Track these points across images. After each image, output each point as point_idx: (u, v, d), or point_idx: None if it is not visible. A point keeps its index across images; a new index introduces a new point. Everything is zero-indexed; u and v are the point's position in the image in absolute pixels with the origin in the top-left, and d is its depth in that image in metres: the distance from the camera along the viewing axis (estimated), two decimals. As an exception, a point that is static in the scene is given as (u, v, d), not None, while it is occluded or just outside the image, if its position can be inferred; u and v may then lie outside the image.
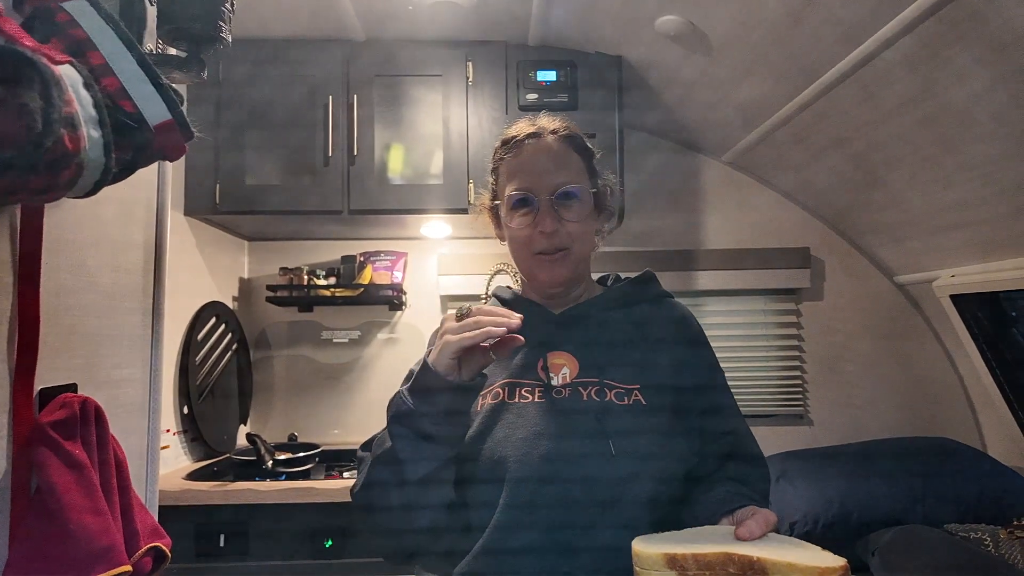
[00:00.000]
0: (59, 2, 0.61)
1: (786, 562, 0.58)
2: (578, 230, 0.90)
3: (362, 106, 1.98)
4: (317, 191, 1.96)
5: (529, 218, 0.90)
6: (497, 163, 0.97)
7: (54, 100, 0.46)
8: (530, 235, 0.89)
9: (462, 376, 0.75)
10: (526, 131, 0.93)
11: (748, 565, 0.59)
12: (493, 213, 0.99)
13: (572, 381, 0.86)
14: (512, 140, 0.93)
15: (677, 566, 0.61)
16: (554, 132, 0.93)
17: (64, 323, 0.73)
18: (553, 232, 0.88)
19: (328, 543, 1.66)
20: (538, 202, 0.89)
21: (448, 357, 0.73)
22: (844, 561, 0.58)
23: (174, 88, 0.64)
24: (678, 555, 0.61)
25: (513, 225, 0.91)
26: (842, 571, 0.57)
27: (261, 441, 1.84)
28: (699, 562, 0.61)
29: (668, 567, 0.62)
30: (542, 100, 2.00)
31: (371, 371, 2.35)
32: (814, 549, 0.61)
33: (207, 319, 2.03)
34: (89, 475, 0.66)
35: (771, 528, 0.66)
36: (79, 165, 0.50)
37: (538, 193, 0.89)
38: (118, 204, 0.85)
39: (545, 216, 0.88)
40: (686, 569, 0.61)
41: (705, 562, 0.61)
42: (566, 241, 0.90)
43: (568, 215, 0.89)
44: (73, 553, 0.63)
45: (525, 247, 0.91)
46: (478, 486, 0.82)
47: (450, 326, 0.75)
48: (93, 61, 0.59)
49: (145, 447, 0.91)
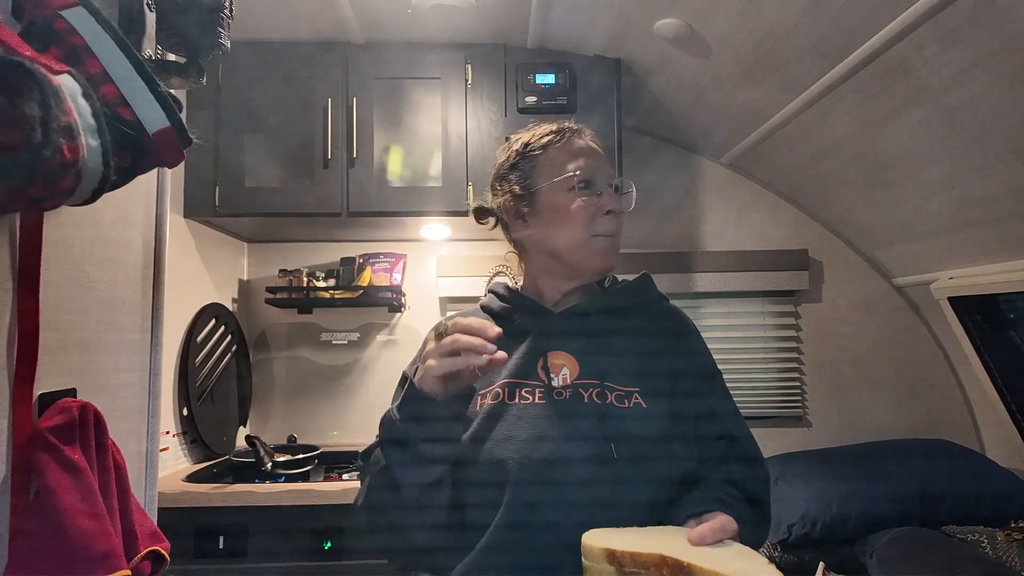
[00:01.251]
0: (57, 10, 0.61)
1: (714, 571, 0.60)
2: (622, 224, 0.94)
3: (361, 109, 1.98)
4: (316, 193, 1.97)
5: (592, 199, 0.91)
6: (535, 152, 0.95)
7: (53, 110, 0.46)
8: (593, 217, 0.91)
9: (449, 393, 0.76)
10: (569, 126, 0.97)
11: (679, 569, 0.61)
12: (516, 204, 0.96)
13: (572, 383, 0.86)
14: (557, 130, 0.96)
15: (616, 562, 0.64)
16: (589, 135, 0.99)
17: (63, 328, 0.74)
18: (619, 214, 0.93)
19: (327, 545, 1.67)
20: (601, 185, 0.92)
21: (431, 383, 0.74)
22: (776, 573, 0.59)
23: (172, 95, 0.65)
24: (617, 551, 0.64)
25: (573, 207, 0.91)
26: None
27: (260, 443, 1.84)
28: (635, 560, 0.63)
29: (608, 562, 0.64)
30: (541, 103, 2.00)
31: (370, 373, 2.36)
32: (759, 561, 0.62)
33: (206, 321, 2.04)
34: (88, 479, 0.67)
35: (727, 535, 0.67)
36: (78, 174, 0.50)
37: (601, 179, 0.93)
38: (117, 209, 0.85)
39: (613, 199, 0.92)
40: (623, 565, 0.64)
41: (641, 561, 0.63)
42: (620, 228, 0.94)
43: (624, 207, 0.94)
44: (72, 557, 0.63)
45: (583, 228, 0.91)
46: (480, 487, 0.82)
47: (431, 349, 0.75)
48: (92, 69, 0.59)
49: (144, 451, 0.92)
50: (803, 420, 2.40)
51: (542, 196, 0.93)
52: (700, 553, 0.63)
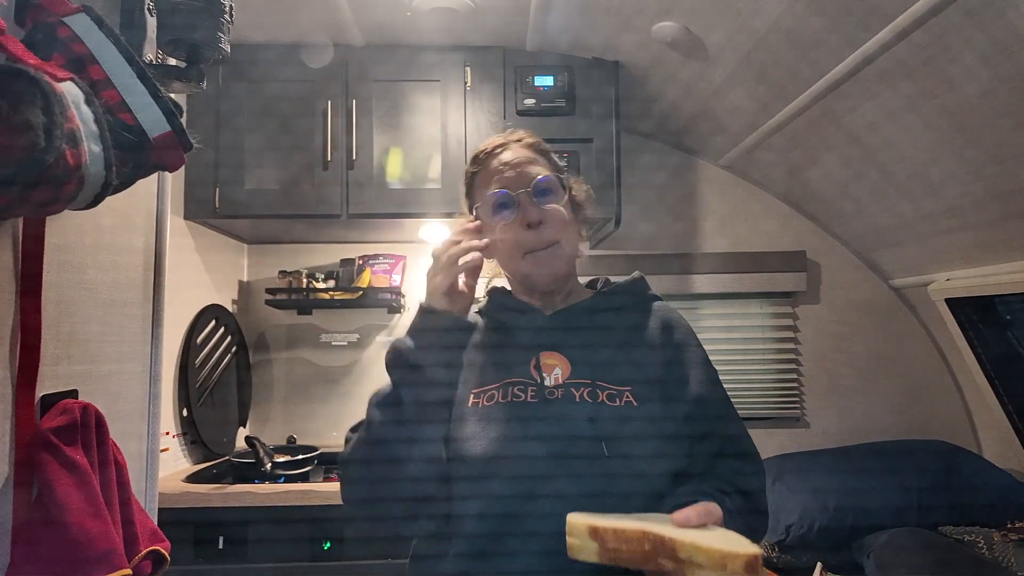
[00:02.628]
0: (61, 17, 0.62)
1: (692, 542, 0.62)
2: (561, 221, 0.92)
3: (361, 111, 1.99)
4: (316, 195, 1.97)
5: (513, 217, 0.91)
6: (470, 179, 0.99)
7: (56, 117, 0.47)
8: (517, 234, 0.90)
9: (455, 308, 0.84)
10: (495, 142, 0.97)
11: (660, 542, 0.63)
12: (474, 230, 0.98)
13: (564, 382, 0.88)
14: (480, 153, 0.97)
15: (599, 537, 0.66)
16: (518, 140, 0.97)
17: (65, 330, 0.75)
18: (539, 223, 0.90)
19: (327, 545, 1.67)
20: (517, 197, 0.91)
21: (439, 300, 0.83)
22: (756, 550, 0.60)
23: (173, 100, 0.66)
24: (600, 527, 0.66)
25: (498, 229, 0.92)
26: (748, 559, 0.59)
27: (260, 444, 1.85)
28: (618, 535, 0.65)
29: (591, 537, 0.66)
30: (540, 105, 2.01)
31: (370, 374, 2.37)
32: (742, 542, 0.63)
33: (207, 322, 2.04)
34: (90, 480, 0.68)
35: (712, 520, 0.69)
36: (81, 179, 0.51)
37: (515, 189, 0.91)
38: (118, 212, 0.86)
39: (528, 207, 0.90)
40: (606, 541, 0.65)
41: (623, 536, 0.65)
42: (553, 234, 0.91)
43: (548, 206, 0.91)
44: (74, 557, 0.64)
45: (514, 248, 0.92)
46: (473, 482, 0.83)
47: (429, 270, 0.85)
48: (94, 75, 0.60)
49: (145, 451, 0.93)
50: (801, 421, 2.40)
51: (481, 220, 0.96)
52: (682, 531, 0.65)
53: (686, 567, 0.62)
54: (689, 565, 0.62)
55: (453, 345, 0.86)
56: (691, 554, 0.62)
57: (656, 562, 0.64)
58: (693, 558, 0.62)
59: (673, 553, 0.62)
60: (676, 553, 0.62)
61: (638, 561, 0.65)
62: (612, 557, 0.65)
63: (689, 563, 0.62)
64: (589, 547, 0.66)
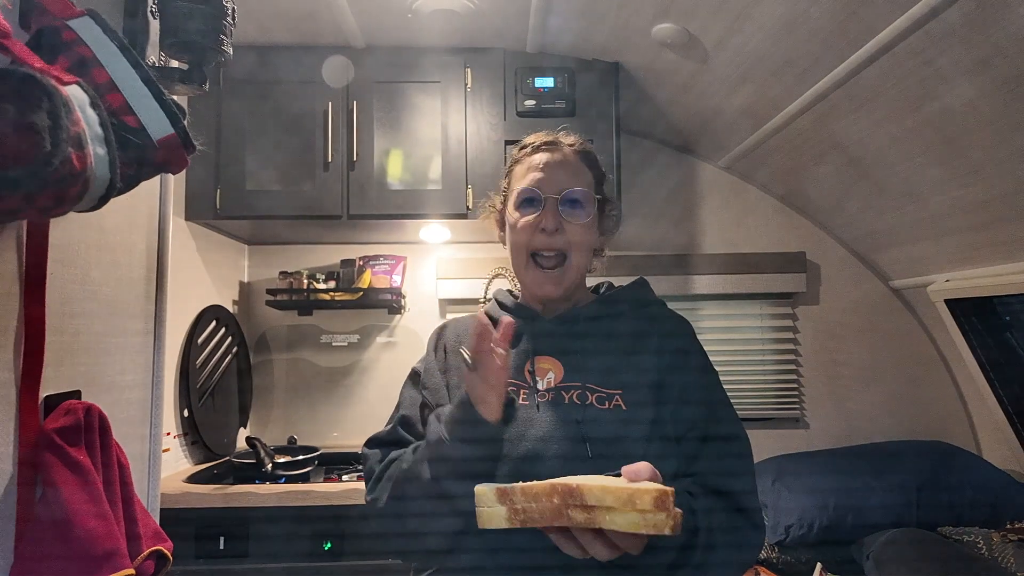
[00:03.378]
0: (65, 20, 0.63)
1: (600, 485, 0.61)
2: (578, 237, 0.92)
3: (362, 112, 1.99)
4: (317, 196, 1.98)
5: (533, 216, 0.92)
6: (511, 165, 1.00)
7: (62, 120, 0.47)
8: (531, 234, 0.92)
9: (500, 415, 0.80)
10: (544, 139, 0.97)
11: (568, 493, 0.63)
12: (500, 215, 1.01)
13: (556, 385, 0.89)
14: (529, 144, 0.97)
15: (507, 500, 0.65)
16: (571, 145, 0.97)
17: (68, 331, 0.75)
18: (555, 231, 0.91)
19: (327, 545, 1.68)
20: (544, 200, 0.91)
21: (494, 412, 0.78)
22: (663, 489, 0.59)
23: (176, 103, 0.66)
24: (506, 488, 0.66)
25: (517, 224, 0.93)
26: (657, 494, 0.59)
27: (261, 444, 1.85)
28: (526, 494, 0.65)
29: (499, 502, 0.66)
30: (540, 106, 2.02)
31: (370, 374, 2.37)
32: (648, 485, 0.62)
33: (207, 322, 2.05)
34: (93, 480, 0.68)
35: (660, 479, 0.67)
36: (86, 182, 0.51)
37: (545, 192, 0.92)
38: (121, 214, 0.87)
39: (549, 214, 0.91)
40: (515, 502, 0.65)
41: (532, 494, 0.64)
42: (564, 246, 0.92)
43: (571, 219, 0.92)
44: (78, 557, 0.64)
45: (524, 246, 0.93)
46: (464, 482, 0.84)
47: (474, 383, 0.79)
48: (98, 78, 0.61)
49: (147, 452, 0.93)
50: (800, 422, 2.41)
51: (507, 209, 0.97)
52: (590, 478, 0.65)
53: (597, 513, 0.61)
54: (600, 510, 0.61)
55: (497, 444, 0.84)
56: (600, 498, 0.61)
57: (566, 515, 0.63)
58: (603, 501, 0.61)
59: (582, 500, 0.62)
60: (585, 500, 0.61)
61: (548, 518, 0.64)
62: (522, 519, 0.64)
63: (600, 508, 0.61)
64: (498, 512, 0.65)
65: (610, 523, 0.60)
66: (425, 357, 1.01)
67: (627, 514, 0.60)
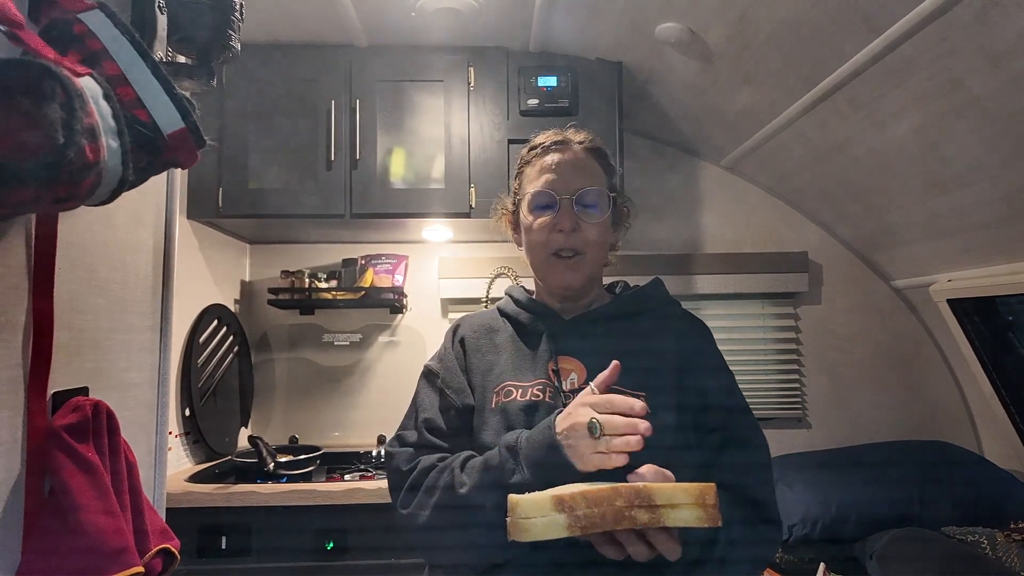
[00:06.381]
0: (76, 13, 0.62)
1: (669, 485, 0.64)
2: (595, 236, 0.93)
3: (365, 111, 1.99)
4: (319, 195, 1.97)
5: (549, 218, 0.92)
6: (522, 166, 1.00)
7: (76, 112, 0.47)
8: (548, 234, 0.92)
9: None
10: (554, 138, 0.97)
11: (635, 494, 0.62)
12: (513, 217, 1.02)
13: (580, 386, 0.88)
14: (539, 145, 0.97)
15: (566, 507, 0.62)
16: (580, 143, 0.97)
17: (76, 328, 0.74)
18: (572, 231, 0.91)
19: (329, 545, 1.67)
20: (559, 202, 0.92)
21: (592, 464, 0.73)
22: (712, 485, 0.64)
23: (187, 97, 0.66)
24: (565, 496, 0.63)
25: (533, 225, 0.94)
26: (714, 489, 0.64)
27: (263, 443, 1.84)
28: (588, 499, 0.62)
29: (556, 510, 0.62)
30: (543, 105, 2.02)
31: (372, 374, 2.36)
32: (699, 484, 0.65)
33: (209, 321, 2.04)
34: (101, 477, 0.67)
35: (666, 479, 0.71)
36: (99, 174, 0.51)
37: (560, 193, 0.92)
38: (128, 210, 0.86)
39: (565, 215, 0.91)
40: (575, 509, 0.62)
41: (593, 499, 0.62)
42: (582, 245, 0.92)
43: (587, 218, 0.92)
44: (86, 554, 0.64)
45: (543, 247, 0.94)
46: None
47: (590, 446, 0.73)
48: (109, 71, 0.60)
49: (153, 449, 0.93)
50: (803, 422, 2.41)
51: (520, 211, 0.97)
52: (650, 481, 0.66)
53: (663, 512, 0.62)
54: (666, 509, 0.62)
55: None
56: (670, 496, 0.62)
57: (629, 517, 0.62)
58: (672, 500, 0.62)
59: (650, 501, 0.62)
60: (653, 500, 0.62)
61: (611, 522, 0.62)
62: (583, 525, 0.62)
63: (667, 507, 0.62)
64: (556, 521, 0.62)
65: (675, 520, 0.62)
66: (441, 355, 1.00)
67: (694, 510, 0.62)
